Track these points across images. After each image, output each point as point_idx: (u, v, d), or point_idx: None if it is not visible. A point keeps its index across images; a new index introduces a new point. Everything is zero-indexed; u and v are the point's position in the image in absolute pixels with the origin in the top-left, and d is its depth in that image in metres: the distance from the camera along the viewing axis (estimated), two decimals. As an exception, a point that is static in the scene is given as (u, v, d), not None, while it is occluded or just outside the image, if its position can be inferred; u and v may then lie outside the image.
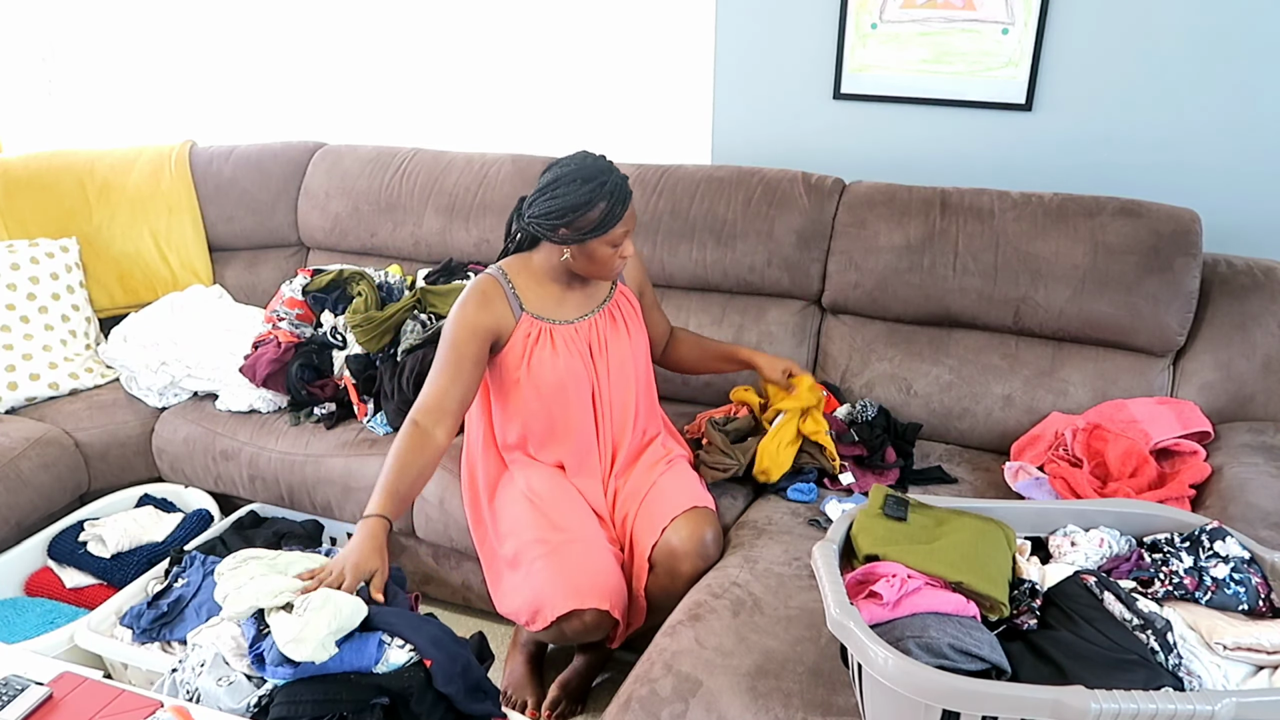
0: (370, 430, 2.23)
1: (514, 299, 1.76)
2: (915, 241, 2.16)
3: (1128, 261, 2.01)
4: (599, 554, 1.72)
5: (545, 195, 1.66)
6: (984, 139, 2.37)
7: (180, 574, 1.94)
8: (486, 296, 1.74)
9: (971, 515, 1.39)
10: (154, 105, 3.28)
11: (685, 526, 1.71)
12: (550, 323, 1.78)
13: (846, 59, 2.41)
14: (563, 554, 1.69)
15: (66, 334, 2.48)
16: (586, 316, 1.82)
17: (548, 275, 1.79)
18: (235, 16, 3.07)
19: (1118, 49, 2.19)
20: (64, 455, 2.24)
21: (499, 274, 1.78)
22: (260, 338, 2.38)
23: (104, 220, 2.68)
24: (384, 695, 1.41)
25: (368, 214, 2.68)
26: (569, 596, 1.64)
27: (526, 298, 1.77)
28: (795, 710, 1.30)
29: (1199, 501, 1.74)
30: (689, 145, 2.67)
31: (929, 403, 2.16)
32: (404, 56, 2.92)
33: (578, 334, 1.79)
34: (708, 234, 2.32)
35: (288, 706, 1.36)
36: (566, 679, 1.93)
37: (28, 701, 1.29)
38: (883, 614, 1.20)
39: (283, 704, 1.36)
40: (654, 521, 1.75)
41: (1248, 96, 2.13)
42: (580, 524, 1.75)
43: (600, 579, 1.68)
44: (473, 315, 1.72)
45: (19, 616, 1.99)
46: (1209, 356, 2.02)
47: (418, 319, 2.31)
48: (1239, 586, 1.24)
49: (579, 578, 1.66)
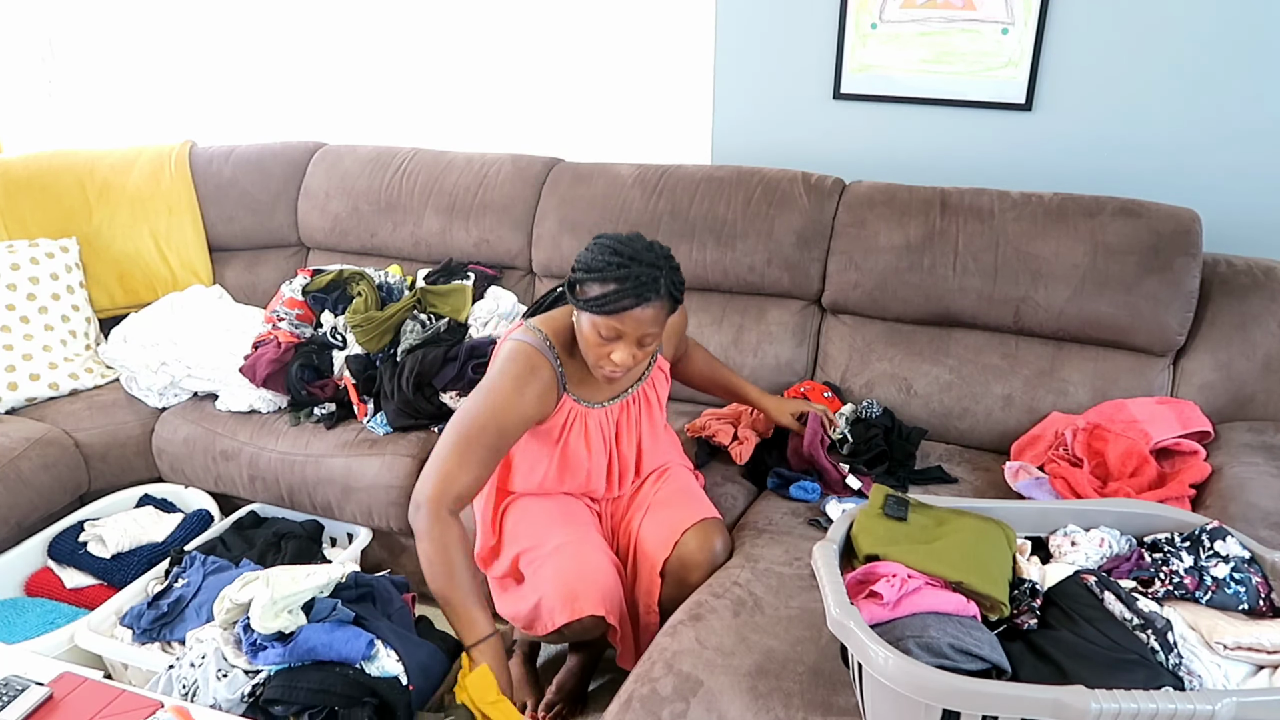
0: (370, 430, 2.23)
1: (560, 379, 1.63)
2: (915, 241, 2.16)
3: (1128, 261, 2.01)
4: (596, 557, 1.71)
5: (578, 262, 1.52)
6: (984, 139, 2.37)
7: (180, 574, 1.93)
8: (541, 380, 1.58)
9: (972, 515, 1.39)
10: (154, 105, 3.28)
11: (695, 539, 1.70)
12: (587, 406, 1.69)
13: (846, 59, 2.41)
14: (560, 559, 1.68)
15: (66, 334, 2.48)
16: (619, 398, 1.73)
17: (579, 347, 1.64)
18: (235, 16, 3.07)
19: (1118, 49, 2.19)
20: (64, 455, 2.24)
21: (549, 351, 1.60)
22: (260, 338, 2.38)
23: (104, 220, 2.68)
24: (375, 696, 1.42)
25: (368, 214, 2.68)
26: (567, 604, 1.63)
27: (570, 375, 1.65)
28: (795, 710, 1.30)
29: (1199, 501, 1.74)
30: (689, 145, 2.67)
31: (929, 403, 2.16)
32: (404, 56, 2.92)
33: (608, 417, 1.72)
34: (708, 234, 2.32)
35: (282, 690, 1.38)
36: (563, 680, 1.93)
37: (28, 702, 1.29)
38: (883, 614, 1.20)
39: (278, 687, 1.38)
40: (664, 534, 1.73)
41: (1248, 96, 2.13)
42: (577, 528, 1.74)
43: (598, 583, 1.67)
44: (529, 406, 1.57)
45: (19, 616, 1.99)
46: (1209, 356, 2.02)
47: (418, 319, 2.31)
48: (1239, 586, 1.24)
49: (576, 583, 1.65)
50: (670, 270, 1.50)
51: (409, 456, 2.13)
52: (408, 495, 2.09)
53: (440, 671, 1.57)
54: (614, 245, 1.50)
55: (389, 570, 2.25)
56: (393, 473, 2.11)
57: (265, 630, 1.42)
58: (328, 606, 1.50)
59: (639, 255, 1.47)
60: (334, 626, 1.47)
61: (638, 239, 1.52)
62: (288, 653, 1.42)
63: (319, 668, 1.42)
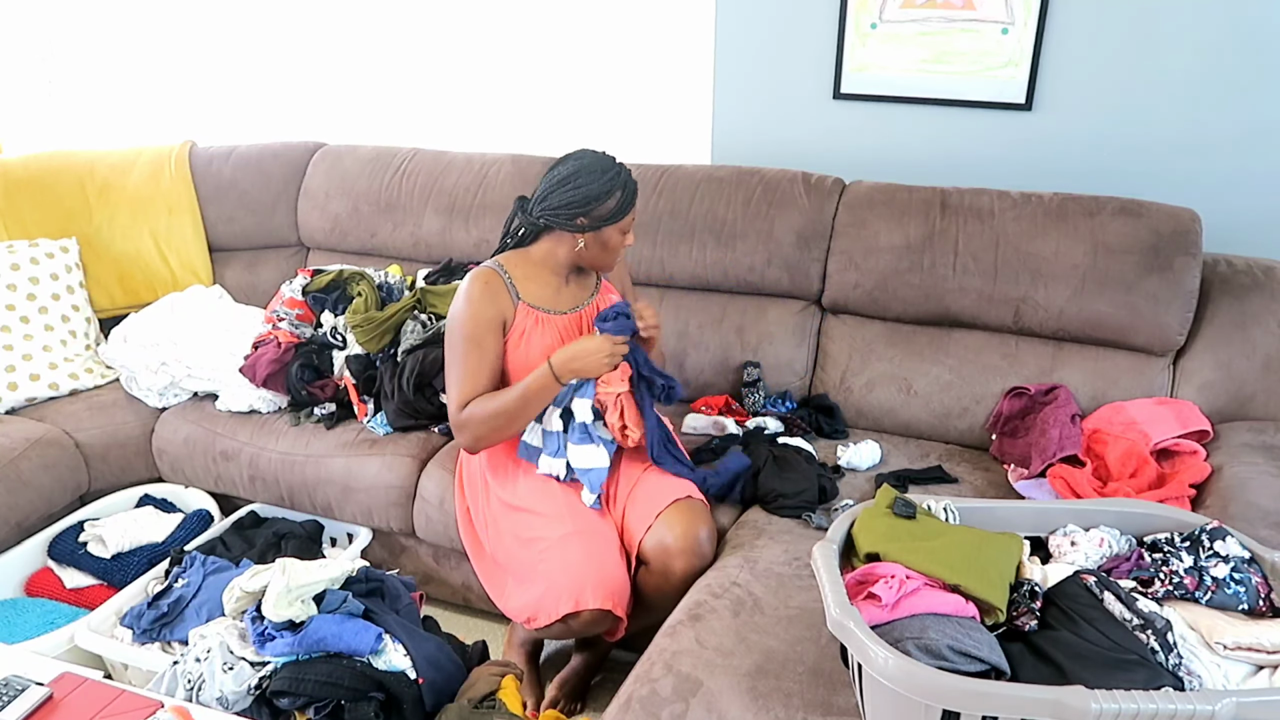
0: (370, 430, 2.23)
1: (512, 289, 1.81)
2: (915, 241, 2.16)
3: (1128, 261, 2.01)
4: (602, 548, 1.71)
5: (566, 186, 1.73)
6: (984, 139, 2.37)
7: (180, 574, 1.93)
8: (490, 287, 1.78)
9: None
10: (154, 105, 3.28)
11: (679, 523, 1.71)
12: (546, 312, 1.83)
13: (846, 59, 2.41)
14: (564, 550, 1.69)
15: (66, 334, 2.48)
16: (578, 308, 1.87)
17: (547, 268, 1.84)
18: (235, 16, 3.07)
19: (1118, 49, 2.19)
20: (64, 456, 2.24)
21: (496, 266, 1.82)
22: (260, 338, 2.38)
23: (104, 220, 2.68)
24: (381, 690, 1.42)
25: (368, 214, 2.68)
26: (570, 595, 1.64)
27: (524, 288, 1.82)
28: (795, 710, 1.30)
29: (1199, 501, 1.74)
30: (689, 145, 2.67)
31: (929, 403, 2.16)
32: (404, 56, 2.92)
33: (570, 324, 1.85)
34: (708, 234, 2.32)
35: (290, 682, 1.38)
36: (565, 678, 1.93)
37: (28, 702, 1.29)
38: (881, 615, 1.19)
39: (285, 679, 1.38)
40: (644, 511, 1.75)
41: (1248, 96, 2.13)
42: (581, 517, 1.75)
43: (603, 574, 1.67)
44: (483, 308, 1.77)
45: (19, 617, 1.99)
46: (1209, 356, 2.02)
47: (418, 319, 2.31)
48: (1239, 586, 1.24)
49: (581, 574, 1.66)
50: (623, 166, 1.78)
51: (409, 457, 2.13)
52: (408, 495, 2.11)
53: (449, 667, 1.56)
54: (593, 166, 1.73)
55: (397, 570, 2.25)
56: (393, 473, 2.11)
57: (277, 618, 1.42)
58: (339, 598, 1.50)
59: (610, 160, 1.76)
60: (344, 618, 1.47)
61: (588, 152, 1.77)
62: (297, 642, 1.42)
63: (327, 660, 1.42)
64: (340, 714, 1.41)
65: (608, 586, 1.67)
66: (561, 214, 1.74)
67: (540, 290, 1.84)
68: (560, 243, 1.80)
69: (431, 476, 2.09)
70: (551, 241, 1.81)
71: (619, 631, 1.80)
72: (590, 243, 1.78)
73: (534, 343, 1.80)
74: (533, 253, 1.84)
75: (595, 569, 1.67)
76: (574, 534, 1.71)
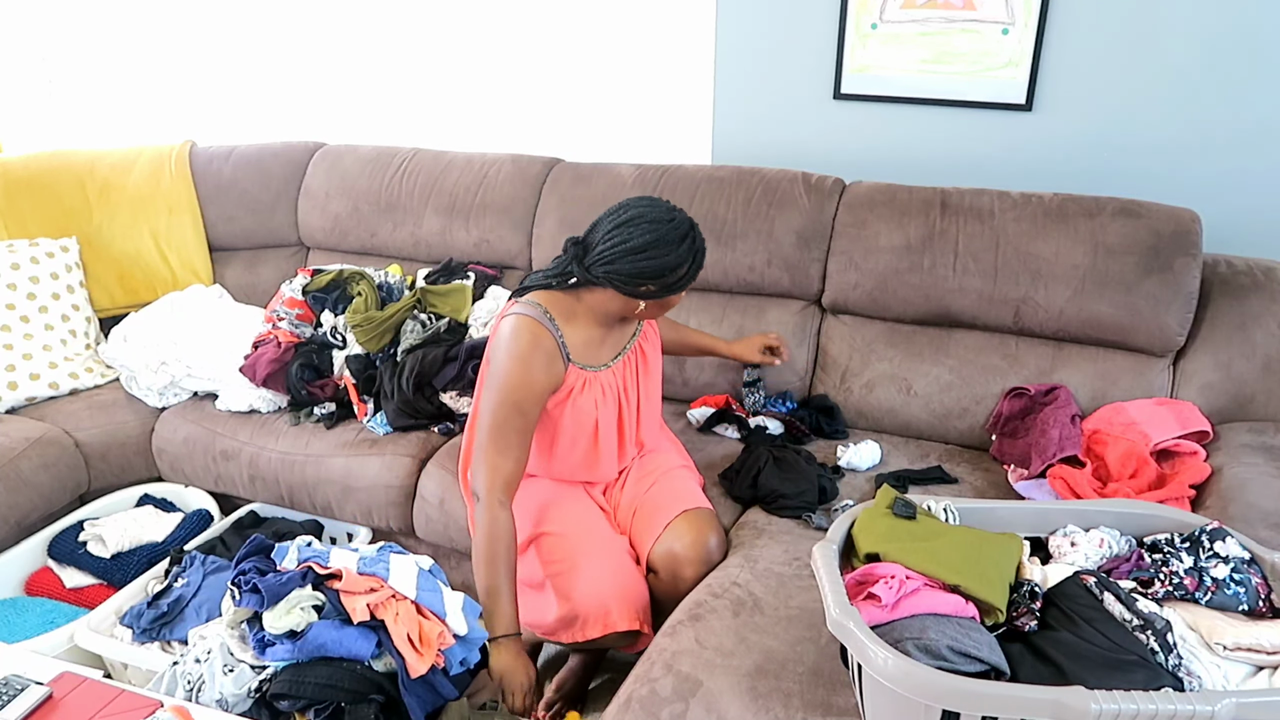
0: (370, 430, 2.23)
1: (563, 349, 1.69)
2: (915, 242, 2.16)
3: (1128, 262, 2.01)
4: (621, 566, 1.70)
5: (639, 256, 1.57)
6: (984, 139, 2.37)
7: (180, 574, 1.94)
8: (543, 349, 1.64)
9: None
10: (154, 105, 3.28)
11: (689, 532, 1.70)
12: (593, 370, 1.74)
13: (846, 59, 2.41)
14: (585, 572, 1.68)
15: (66, 334, 2.48)
16: (619, 357, 1.79)
17: (594, 319, 1.72)
18: (235, 16, 3.07)
19: (1118, 49, 2.19)
20: (64, 455, 2.24)
21: (547, 322, 1.66)
22: (260, 338, 2.38)
23: (104, 220, 2.68)
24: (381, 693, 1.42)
25: (368, 214, 2.68)
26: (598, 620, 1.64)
27: (572, 345, 1.70)
28: (795, 710, 1.30)
29: (1199, 502, 1.73)
30: (689, 145, 2.67)
31: (929, 403, 2.16)
32: (404, 56, 2.92)
33: (614, 376, 1.77)
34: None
35: (290, 685, 1.38)
36: (563, 680, 1.93)
37: (28, 701, 1.29)
38: (881, 616, 1.19)
39: (285, 682, 1.38)
40: (652, 522, 1.74)
41: (1248, 96, 2.13)
42: (595, 535, 1.74)
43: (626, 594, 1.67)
44: (537, 376, 1.64)
45: (19, 616, 1.99)
46: (1209, 357, 2.02)
47: (418, 319, 2.31)
48: (1239, 587, 1.24)
49: (604, 597, 1.65)
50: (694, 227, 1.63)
51: (409, 456, 2.13)
52: (407, 495, 2.11)
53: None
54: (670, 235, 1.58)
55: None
56: (393, 473, 2.11)
57: (276, 630, 1.41)
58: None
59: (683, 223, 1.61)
60: (343, 624, 1.47)
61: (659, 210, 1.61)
62: (296, 649, 1.41)
63: (326, 663, 1.42)
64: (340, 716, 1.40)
65: (633, 606, 1.66)
66: (630, 281, 1.60)
67: (586, 341, 1.72)
68: (616, 299, 1.66)
69: (431, 476, 2.09)
70: (606, 296, 1.66)
71: (639, 645, 1.78)
72: (651, 305, 1.67)
73: (580, 403, 1.72)
74: (585, 299, 1.70)
75: (618, 590, 1.67)
76: (592, 555, 1.69)
